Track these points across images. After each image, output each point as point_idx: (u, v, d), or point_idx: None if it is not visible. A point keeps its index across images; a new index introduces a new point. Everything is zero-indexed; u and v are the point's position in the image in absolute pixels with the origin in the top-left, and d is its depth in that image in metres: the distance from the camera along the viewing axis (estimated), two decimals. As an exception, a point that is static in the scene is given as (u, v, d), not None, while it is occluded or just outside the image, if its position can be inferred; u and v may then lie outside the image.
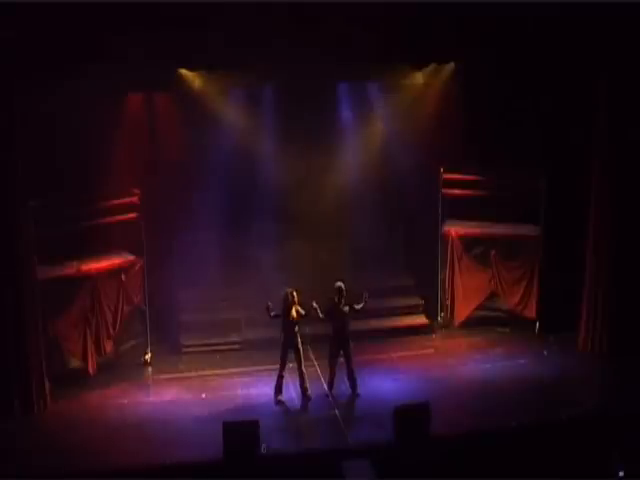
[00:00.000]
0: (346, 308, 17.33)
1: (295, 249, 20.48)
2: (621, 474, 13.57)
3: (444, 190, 20.49)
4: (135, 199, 18.73)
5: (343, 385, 17.65)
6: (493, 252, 20.34)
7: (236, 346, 19.68)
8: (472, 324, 20.73)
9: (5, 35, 14.71)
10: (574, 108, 18.52)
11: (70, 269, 18.05)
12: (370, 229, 21.11)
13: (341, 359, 18.04)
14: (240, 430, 14.42)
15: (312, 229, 20.50)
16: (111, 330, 18.67)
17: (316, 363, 18.70)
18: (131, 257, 19.13)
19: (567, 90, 18.47)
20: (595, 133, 18.32)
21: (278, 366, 17.10)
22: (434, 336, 20.55)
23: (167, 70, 17.78)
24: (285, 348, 17.13)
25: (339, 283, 17.30)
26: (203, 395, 17.49)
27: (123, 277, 18.87)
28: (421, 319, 20.90)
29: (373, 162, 21.17)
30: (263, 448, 14.49)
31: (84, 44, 15.51)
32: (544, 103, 19.15)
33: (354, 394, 17.31)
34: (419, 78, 20.50)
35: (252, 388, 17.68)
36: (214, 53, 16.53)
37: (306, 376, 17.29)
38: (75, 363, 18.39)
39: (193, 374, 18.38)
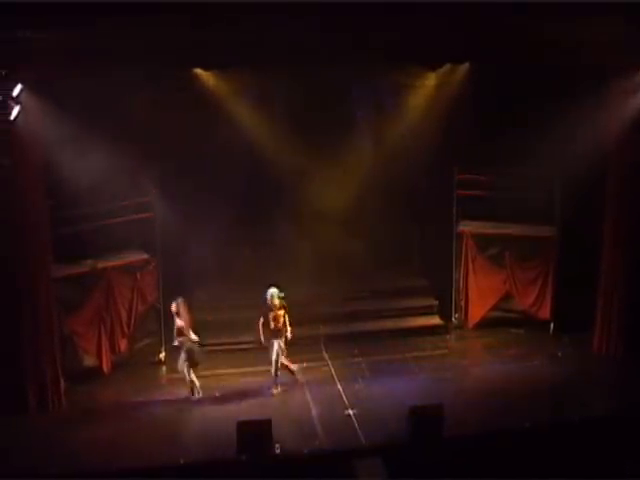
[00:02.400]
0: (281, 311, 17.43)
1: (310, 249, 20.50)
2: None
3: (459, 190, 20.50)
4: (150, 198, 18.82)
5: (356, 385, 17.70)
6: (508, 253, 20.32)
7: (250, 345, 19.65)
8: (486, 325, 20.71)
9: (22, 34, 14.75)
10: (589, 108, 18.44)
11: (85, 267, 18.13)
12: (384, 229, 21.04)
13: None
14: (253, 429, 14.46)
15: (327, 229, 20.50)
16: (126, 328, 18.74)
17: (330, 363, 18.75)
18: (146, 256, 19.22)
19: (582, 90, 18.37)
20: (609, 133, 18.31)
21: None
22: (448, 337, 20.53)
23: (182, 69, 17.79)
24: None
25: (271, 290, 17.44)
26: (217, 394, 17.54)
27: (138, 276, 18.97)
28: (435, 320, 20.87)
29: (388, 162, 21.08)
30: (277, 448, 14.52)
31: (98, 43, 15.51)
32: (560, 102, 19.04)
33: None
34: (434, 78, 20.45)
35: (266, 387, 17.70)
36: (228, 53, 16.49)
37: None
38: (90, 361, 18.46)
39: (207, 373, 18.39)
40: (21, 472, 14.23)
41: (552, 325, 20.06)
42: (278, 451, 14.52)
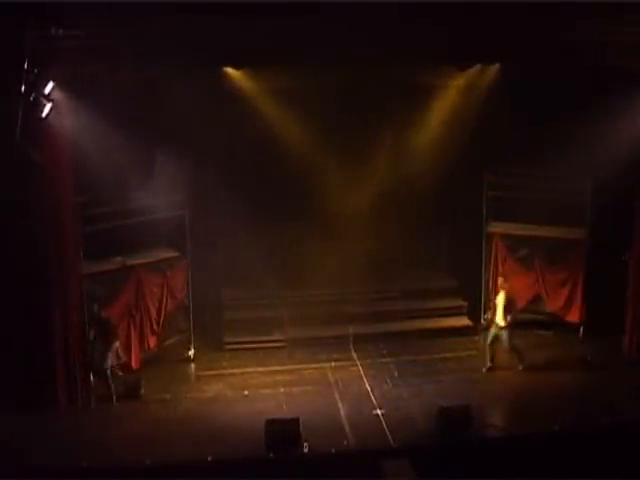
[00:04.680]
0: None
1: (338, 248, 20.47)
2: None
3: (488, 191, 20.44)
4: (181, 196, 18.87)
5: (384, 385, 17.69)
6: (538, 254, 20.24)
7: (279, 344, 19.72)
8: (515, 327, 20.54)
9: (54, 33, 14.83)
10: (623, 111, 18.33)
11: (115, 264, 18.21)
12: (414, 229, 21.02)
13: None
14: (282, 427, 14.51)
15: (356, 230, 20.54)
16: (155, 326, 18.80)
17: (358, 362, 18.76)
18: (176, 254, 19.28)
19: (615, 92, 18.27)
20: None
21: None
22: (477, 338, 20.46)
23: (212, 67, 17.80)
24: None
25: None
26: (245, 392, 17.57)
27: (168, 273, 19.03)
28: (464, 320, 20.84)
29: (417, 162, 21.01)
30: (305, 446, 14.53)
31: (130, 41, 15.58)
32: (593, 104, 18.94)
33: None
34: (464, 79, 20.35)
35: (294, 386, 17.74)
36: (258, 53, 16.49)
37: None
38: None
39: (236, 371, 18.47)
40: (51, 466, 14.28)
41: (582, 328, 19.95)
42: (306, 450, 14.54)
